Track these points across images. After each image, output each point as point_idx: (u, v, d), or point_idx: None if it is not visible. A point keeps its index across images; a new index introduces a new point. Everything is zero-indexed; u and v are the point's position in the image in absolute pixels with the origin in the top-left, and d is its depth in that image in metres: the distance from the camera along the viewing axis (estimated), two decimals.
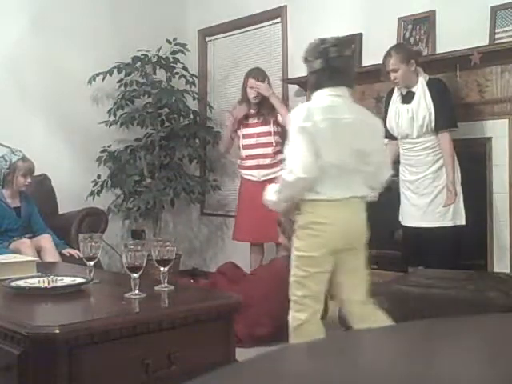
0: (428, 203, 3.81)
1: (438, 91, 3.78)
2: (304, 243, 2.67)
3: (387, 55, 3.88)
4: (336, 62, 2.72)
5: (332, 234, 2.63)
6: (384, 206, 4.14)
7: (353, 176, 2.68)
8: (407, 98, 3.86)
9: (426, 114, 3.75)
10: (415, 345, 1.02)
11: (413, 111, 3.80)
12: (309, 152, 2.59)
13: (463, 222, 3.79)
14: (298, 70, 5.18)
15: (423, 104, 3.77)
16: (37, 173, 4.76)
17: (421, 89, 3.80)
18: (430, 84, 3.81)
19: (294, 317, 2.68)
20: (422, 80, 3.82)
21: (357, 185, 2.71)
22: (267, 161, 4.72)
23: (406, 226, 3.99)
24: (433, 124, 3.75)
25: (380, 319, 2.66)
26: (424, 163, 3.82)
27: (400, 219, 4.04)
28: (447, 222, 3.78)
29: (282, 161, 3.80)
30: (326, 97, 2.71)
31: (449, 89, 3.86)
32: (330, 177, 2.62)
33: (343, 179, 2.65)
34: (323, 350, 0.99)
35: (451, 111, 3.80)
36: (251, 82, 4.77)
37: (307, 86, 2.88)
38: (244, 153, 4.81)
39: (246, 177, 4.84)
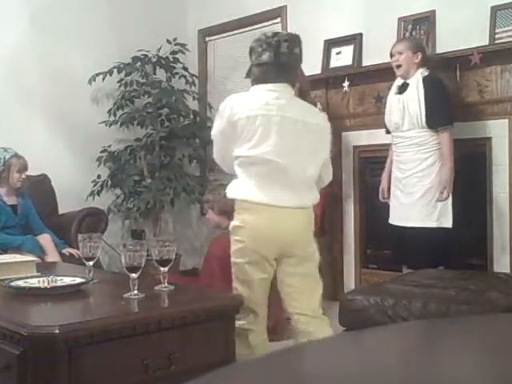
0: (414, 202, 3.77)
1: (434, 88, 3.78)
2: (233, 249, 2.57)
3: (398, 41, 4.04)
4: (286, 59, 2.58)
5: (254, 239, 2.49)
6: (381, 206, 4.15)
7: (289, 179, 2.52)
8: (402, 88, 3.88)
9: (416, 106, 3.74)
10: (415, 345, 1.02)
11: (403, 101, 3.81)
12: (224, 147, 2.57)
13: (449, 225, 3.74)
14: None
15: (415, 96, 3.77)
16: (37, 173, 4.76)
17: (415, 81, 3.81)
18: (427, 80, 3.81)
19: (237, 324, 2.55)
20: (419, 74, 3.84)
21: (294, 191, 2.53)
22: None
23: (393, 225, 3.97)
24: (423, 119, 3.73)
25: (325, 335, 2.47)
26: (412, 160, 3.79)
27: (390, 219, 4.02)
28: (432, 223, 3.74)
29: None
30: (266, 92, 2.56)
31: (446, 87, 3.87)
32: (258, 176, 2.50)
33: (275, 180, 2.50)
34: (323, 351, 0.99)
35: (448, 109, 3.80)
36: None
37: (250, 77, 2.69)
38: None
39: None
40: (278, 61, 2.55)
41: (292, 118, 2.54)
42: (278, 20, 5.44)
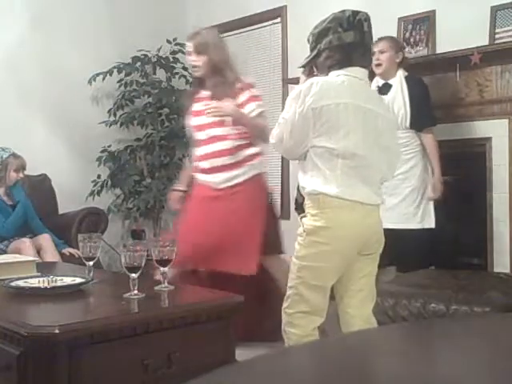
0: (396, 204, 3.71)
1: (418, 88, 3.76)
2: (310, 252, 2.35)
3: (379, 39, 3.89)
4: (368, 39, 2.41)
5: (341, 241, 2.32)
6: None
7: (370, 174, 2.37)
8: (383, 89, 3.84)
9: (401, 107, 3.72)
10: (415, 345, 1.02)
11: (388, 103, 3.78)
12: (300, 134, 2.31)
13: (432, 225, 3.73)
14: (298, 69, 5.18)
15: (399, 97, 3.75)
16: (37, 173, 4.76)
17: (398, 82, 3.79)
18: (409, 80, 3.79)
19: (289, 333, 2.42)
20: (401, 74, 3.82)
21: (371, 187, 2.38)
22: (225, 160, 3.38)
23: None
24: (408, 121, 3.71)
25: None
26: None
27: None
28: (416, 225, 3.72)
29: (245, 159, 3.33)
30: (353, 78, 2.35)
31: (428, 88, 3.85)
32: (342, 170, 2.30)
33: (358, 176, 2.32)
34: (323, 351, 0.99)
35: (431, 110, 3.79)
36: (187, 46, 3.55)
37: (321, 63, 2.41)
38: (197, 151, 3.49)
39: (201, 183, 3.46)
40: (363, 41, 2.36)
41: (374, 110, 2.37)
42: (278, 20, 5.44)
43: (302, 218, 2.40)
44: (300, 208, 2.46)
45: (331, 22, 2.39)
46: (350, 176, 2.31)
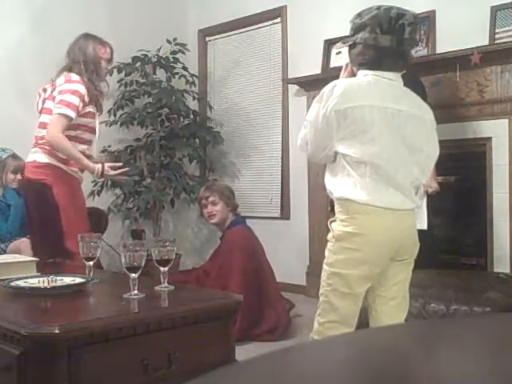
0: None
1: (414, 88, 3.74)
2: (339, 258, 2.28)
3: None
4: (407, 45, 2.30)
5: (373, 247, 2.25)
6: None
7: (402, 178, 2.27)
8: None
9: None
10: (415, 345, 1.02)
11: None
12: (322, 138, 2.25)
13: (424, 227, 3.72)
14: (298, 69, 5.19)
15: None
16: None
17: None
18: (405, 79, 3.77)
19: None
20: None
21: (407, 190, 2.30)
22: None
23: None
24: None
25: None
26: None
27: None
28: None
29: None
30: (381, 79, 2.29)
31: (424, 87, 3.83)
32: (371, 175, 2.22)
33: (388, 180, 2.24)
34: (324, 350, 0.99)
35: None
36: (108, 53, 3.91)
37: (354, 56, 2.36)
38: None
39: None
40: (399, 48, 2.27)
41: (405, 110, 2.28)
42: (278, 20, 5.44)
43: (331, 222, 2.33)
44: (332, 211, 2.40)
45: (371, 19, 2.29)
46: (380, 182, 2.23)
